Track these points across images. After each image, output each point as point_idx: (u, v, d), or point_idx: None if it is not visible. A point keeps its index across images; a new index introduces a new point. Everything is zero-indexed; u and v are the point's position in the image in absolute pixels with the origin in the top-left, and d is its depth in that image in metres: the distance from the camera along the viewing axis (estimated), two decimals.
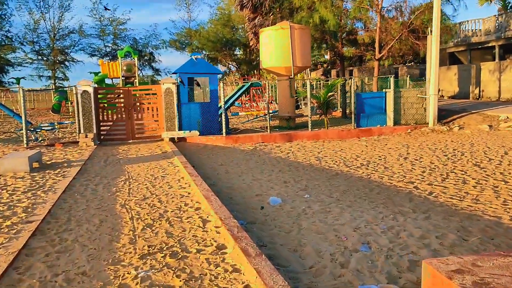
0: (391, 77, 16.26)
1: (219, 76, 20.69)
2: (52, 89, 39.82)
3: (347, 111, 22.30)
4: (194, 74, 16.54)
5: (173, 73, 17.02)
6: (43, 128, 17.31)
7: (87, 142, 14.09)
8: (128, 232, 5.44)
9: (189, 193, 7.41)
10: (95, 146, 14.03)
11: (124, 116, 15.41)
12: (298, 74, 26.56)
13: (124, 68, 27.78)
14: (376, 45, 19.51)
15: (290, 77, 18.27)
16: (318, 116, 17.20)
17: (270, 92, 31.98)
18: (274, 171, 10.18)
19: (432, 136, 15.20)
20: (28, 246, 4.91)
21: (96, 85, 17.01)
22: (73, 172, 9.29)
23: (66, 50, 44.31)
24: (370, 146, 13.73)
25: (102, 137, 15.22)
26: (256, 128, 17.65)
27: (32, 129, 16.87)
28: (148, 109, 15.70)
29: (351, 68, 39.50)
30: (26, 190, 7.75)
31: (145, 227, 5.61)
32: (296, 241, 5.30)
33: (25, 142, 13.89)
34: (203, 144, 14.99)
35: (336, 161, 11.24)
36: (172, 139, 15.18)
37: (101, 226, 5.71)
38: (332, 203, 7.21)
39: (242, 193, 8.02)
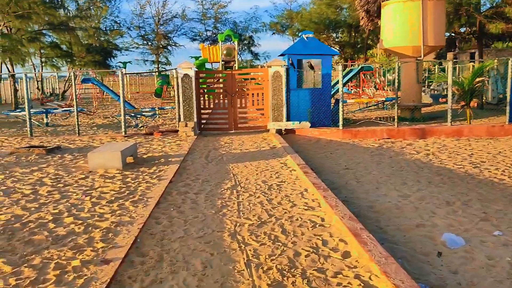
0: None
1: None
2: (154, 72, 40.47)
3: (484, 100, 18.46)
4: (305, 56, 14.22)
5: (280, 55, 14.87)
6: (143, 114, 16.48)
7: (186, 131, 12.66)
8: None
9: (322, 220, 5.22)
10: (195, 136, 12.53)
11: (226, 103, 13.73)
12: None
13: (224, 52, 26.54)
14: None
15: (418, 58, 15.14)
16: (459, 106, 13.94)
17: (382, 76, 28.59)
18: (421, 182, 7.58)
19: None
20: None
21: (196, 69, 15.61)
22: (170, 173, 7.66)
23: (169, 35, 44.77)
24: None
25: (201, 126, 13.74)
26: (371, 118, 14.91)
27: (132, 114, 16.09)
28: (252, 96, 13.83)
29: (472, 50, 34.25)
30: (113, 198, 6.19)
31: None
32: None
33: (123, 130, 12.87)
34: (315, 138, 12.72)
35: (503, 170, 8.26)
36: (278, 131, 13.17)
37: (204, 277, 3.76)
38: None
39: (393, 220, 5.62)
